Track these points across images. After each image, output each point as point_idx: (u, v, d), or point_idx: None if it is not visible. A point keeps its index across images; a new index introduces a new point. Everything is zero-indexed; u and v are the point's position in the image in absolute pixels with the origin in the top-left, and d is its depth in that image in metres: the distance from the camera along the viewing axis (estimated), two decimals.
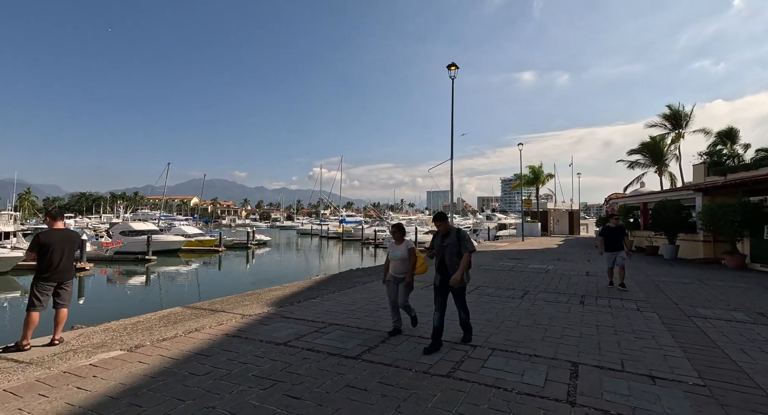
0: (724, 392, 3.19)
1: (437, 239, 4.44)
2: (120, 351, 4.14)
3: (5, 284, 20.96)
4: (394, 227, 4.91)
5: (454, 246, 4.22)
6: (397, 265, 4.73)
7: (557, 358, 3.95)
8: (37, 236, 4.33)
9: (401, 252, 4.70)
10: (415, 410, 2.85)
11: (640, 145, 32.46)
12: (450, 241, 4.26)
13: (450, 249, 4.24)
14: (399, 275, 4.72)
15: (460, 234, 4.27)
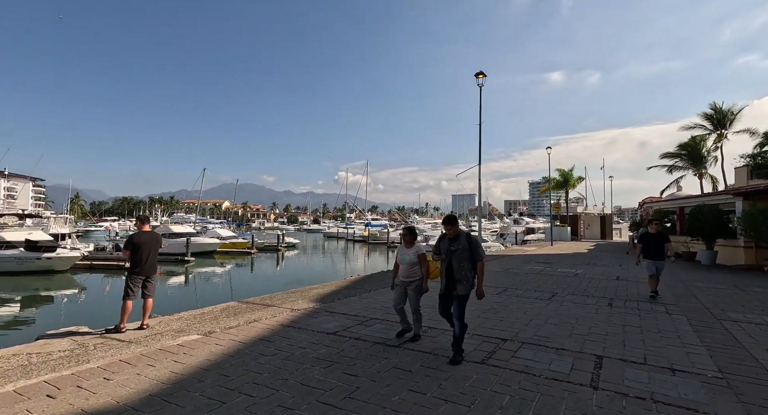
0: (740, 383, 3.48)
1: (444, 242, 4.22)
2: (197, 335, 4.87)
3: (66, 281, 23.01)
4: (405, 230, 4.82)
5: (465, 251, 4.04)
6: (405, 269, 4.61)
7: (583, 351, 4.32)
8: (130, 237, 5.17)
9: (410, 256, 4.58)
10: (455, 387, 3.34)
11: (678, 147, 31.26)
12: (460, 246, 4.07)
13: (459, 254, 4.05)
14: (407, 279, 4.62)
15: (471, 239, 4.09)
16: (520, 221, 58.58)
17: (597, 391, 3.29)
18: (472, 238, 4.12)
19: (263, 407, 2.95)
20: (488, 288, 8.02)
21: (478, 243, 4.09)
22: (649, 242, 7.60)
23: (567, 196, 39.18)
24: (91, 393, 3.18)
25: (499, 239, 40.27)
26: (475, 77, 13.57)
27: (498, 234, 45.81)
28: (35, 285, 21.50)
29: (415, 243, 4.69)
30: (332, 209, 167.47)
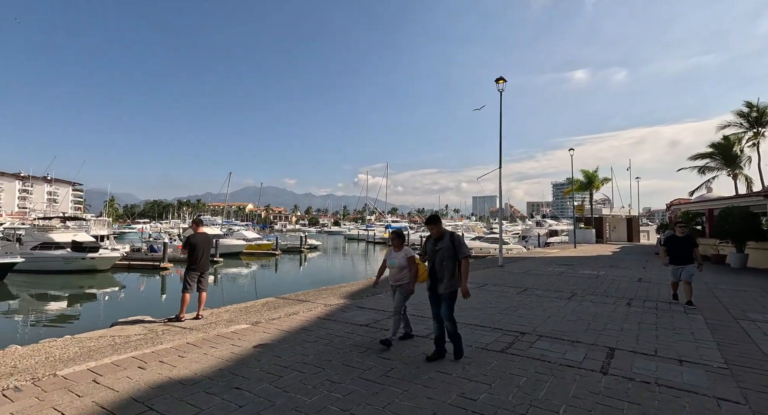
0: (743, 373, 3.78)
1: (429, 243, 4.24)
2: (246, 325, 5.52)
3: (106, 280, 24.63)
4: (393, 234, 4.81)
5: (448, 250, 4.01)
6: (394, 273, 4.59)
7: (596, 344, 4.68)
8: (187, 238, 5.90)
9: (399, 260, 4.56)
10: (478, 370, 3.80)
11: (710, 147, 30.21)
12: (443, 245, 4.05)
13: (442, 253, 4.04)
14: (396, 283, 4.60)
15: (454, 238, 4.06)
16: (542, 223, 57.67)
17: (606, 376, 3.68)
18: (455, 236, 4.07)
19: (314, 380, 3.51)
20: (508, 293, 8.40)
21: (461, 242, 4.03)
22: (676, 246, 7.21)
23: (591, 198, 38.45)
24: (172, 366, 3.83)
25: (521, 242, 39.93)
26: (496, 83, 13.88)
27: (520, 236, 45.38)
28: (80, 283, 23.14)
29: (403, 247, 4.70)
30: (352, 211, 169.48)
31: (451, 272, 4.02)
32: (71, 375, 3.58)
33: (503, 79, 13.78)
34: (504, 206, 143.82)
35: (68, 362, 3.94)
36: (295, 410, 2.93)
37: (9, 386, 3.32)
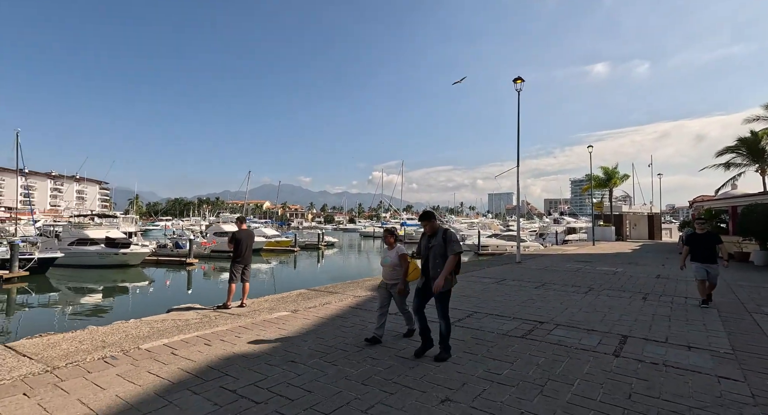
0: (747, 357, 4.12)
1: (423, 239, 4.24)
2: (286, 312, 6.11)
3: (137, 275, 25.96)
4: (385, 232, 4.86)
5: (440, 247, 4.00)
6: (387, 271, 4.62)
7: (611, 332, 5.06)
8: (233, 233, 6.54)
9: (392, 258, 4.58)
10: (501, 351, 4.26)
11: (737, 141, 29.36)
12: (436, 242, 4.05)
13: (435, 250, 4.03)
14: (390, 281, 4.61)
15: (447, 235, 4.03)
16: (560, 220, 56.97)
17: (618, 358, 4.08)
18: (448, 233, 4.05)
19: (356, 357, 4.04)
20: (526, 287, 8.77)
21: (453, 238, 4.01)
22: (696, 243, 6.97)
23: (611, 195, 37.91)
24: (232, 344, 4.43)
25: (538, 239, 39.75)
26: (513, 83, 14.12)
27: (537, 234, 45.09)
28: (113, 277, 24.52)
29: (396, 245, 4.70)
30: (367, 209, 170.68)
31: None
32: (152, 348, 4.22)
33: (521, 79, 14.00)
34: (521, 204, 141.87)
35: (145, 338, 4.59)
36: (345, 379, 3.46)
37: (106, 355, 3.97)
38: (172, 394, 3.11)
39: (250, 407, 2.90)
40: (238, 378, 3.44)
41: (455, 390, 3.23)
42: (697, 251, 6.93)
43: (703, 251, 6.87)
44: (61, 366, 3.69)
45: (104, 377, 3.46)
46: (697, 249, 6.93)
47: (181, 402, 2.97)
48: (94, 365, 3.72)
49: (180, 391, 3.16)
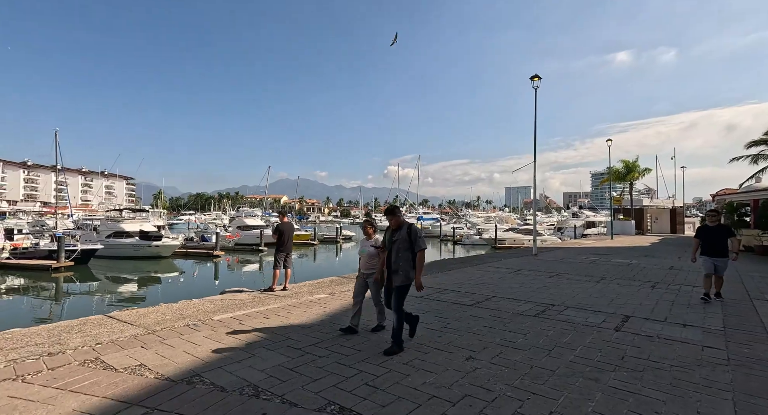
0: (734, 333, 4.69)
1: (387, 233, 4.27)
2: (324, 294, 6.95)
3: (168, 266, 27.54)
4: (365, 222, 4.94)
5: (404, 242, 4.03)
6: (365, 260, 4.67)
7: (615, 313, 5.68)
8: (277, 226, 7.41)
9: (369, 248, 4.65)
10: (516, 326, 4.96)
11: (764, 135, 28.56)
12: (399, 236, 4.08)
13: (398, 245, 4.05)
14: (367, 271, 4.66)
15: (411, 230, 4.07)
16: (579, 214, 56.42)
17: (618, 332, 4.72)
18: (412, 228, 4.10)
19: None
20: (541, 276, 9.37)
21: (418, 234, 4.05)
22: (707, 236, 6.75)
23: (631, 189, 37.45)
24: (286, 318, 5.29)
25: (556, 233, 39.72)
26: (531, 80, 14.50)
27: (555, 228, 44.94)
28: (147, 268, 26.14)
29: (375, 235, 4.77)
30: (383, 203, 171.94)
31: (405, 264, 4.02)
32: (222, 319, 5.12)
33: (538, 77, 14.37)
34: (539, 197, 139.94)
35: (214, 312, 5.50)
36: (385, 342, 4.23)
37: (189, 323, 4.88)
38: (252, 350, 3.96)
39: (315, 360, 3.71)
40: (299, 340, 4.27)
41: (477, 352, 3.97)
42: (707, 244, 6.73)
43: (714, 244, 6.66)
44: (158, 330, 4.62)
45: (194, 338, 4.35)
46: (707, 242, 6.74)
47: (261, 355, 3.81)
48: (182, 330, 4.63)
49: (257, 348, 4.01)
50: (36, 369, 3.43)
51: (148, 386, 3.07)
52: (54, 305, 16.50)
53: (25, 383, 3.16)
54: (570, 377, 3.34)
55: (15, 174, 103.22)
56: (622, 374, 3.41)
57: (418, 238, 4.03)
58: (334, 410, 2.74)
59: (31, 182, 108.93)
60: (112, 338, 4.30)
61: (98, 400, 2.84)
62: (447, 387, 3.12)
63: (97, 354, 3.81)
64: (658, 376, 3.39)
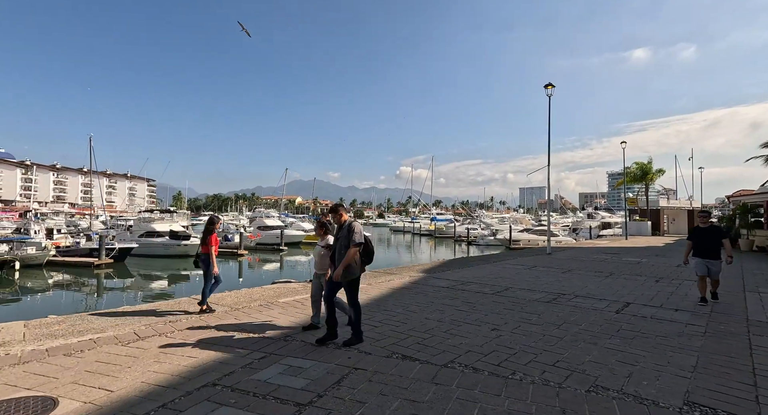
0: (717, 316, 5.56)
1: (335, 231, 4.48)
2: (363, 285, 7.99)
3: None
4: (317, 223, 5.14)
5: (344, 239, 4.17)
6: (317, 260, 4.78)
7: (618, 300, 6.57)
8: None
9: (319, 248, 4.79)
10: (532, 309, 5.92)
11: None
12: (342, 234, 4.23)
13: (341, 242, 4.22)
14: (320, 271, 4.75)
15: (350, 227, 4.18)
16: (594, 215, 56.28)
17: (617, 314, 5.64)
18: (351, 225, 4.19)
19: (426, 309, 5.83)
20: (554, 271, 10.24)
21: (355, 230, 4.14)
22: (699, 237, 6.59)
23: (647, 190, 37.53)
24: None
25: (571, 234, 40.01)
26: (544, 88, 15.32)
27: (570, 229, 45.14)
28: (177, 265, 27.73)
29: (327, 236, 4.88)
30: (396, 204, 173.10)
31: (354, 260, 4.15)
32: (286, 302, 6.24)
33: (552, 85, 15.18)
34: (554, 198, 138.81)
35: (277, 297, 6.63)
36: (426, 318, 5.26)
37: (261, 304, 6.02)
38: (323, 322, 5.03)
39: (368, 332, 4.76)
40: None
41: (500, 325, 4.97)
42: (699, 246, 6.54)
43: (706, 246, 6.46)
44: (239, 308, 5.76)
45: (270, 313, 5.47)
46: (700, 244, 6.55)
47: None
48: (258, 309, 5.76)
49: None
50: (155, 333, 4.59)
51: (251, 345, 4.18)
52: (107, 296, 18.12)
53: (167, 338, 4.32)
54: (574, 342, 4.30)
55: (45, 176, 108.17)
56: (616, 341, 4.36)
57: (353, 233, 4.11)
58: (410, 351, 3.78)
59: (60, 184, 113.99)
60: (199, 315, 5.46)
61: (222, 347, 3.96)
62: (479, 346, 4.14)
63: (208, 321, 4.96)
64: (644, 342, 4.33)
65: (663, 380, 3.31)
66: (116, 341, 4.24)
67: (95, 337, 4.33)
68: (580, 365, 3.63)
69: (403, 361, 3.70)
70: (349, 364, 3.60)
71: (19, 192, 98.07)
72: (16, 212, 71.82)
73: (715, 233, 6.57)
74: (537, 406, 2.83)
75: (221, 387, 3.10)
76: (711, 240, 6.50)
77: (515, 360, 3.74)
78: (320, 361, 3.66)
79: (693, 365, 3.64)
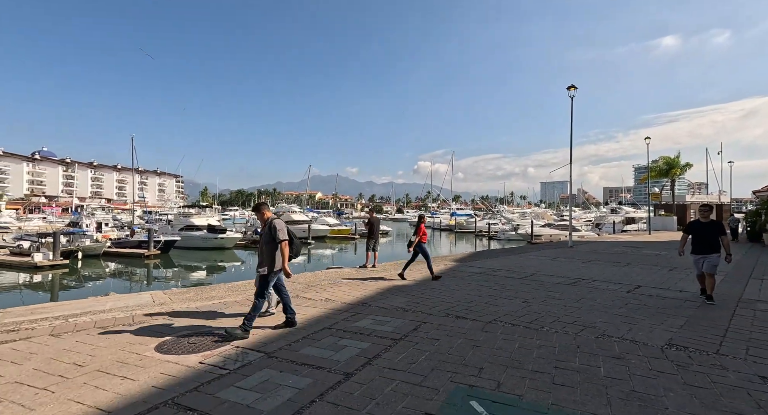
0: (716, 295, 6.54)
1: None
2: (409, 271, 9.30)
3: (231, 256, 31.21)
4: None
5: (267, 236, 4.39)
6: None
7: (630, 284, 7.64)
8: (369, 219, 9.84)
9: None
10: (556, 289, 7.06)
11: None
12: (264, 231, 4.45)
13: (263, 238, 4.44)
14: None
15: (272, 225, 4.37)
16: (618, 210, 55.66)
17: (628, 293, 6.73)
18: (272, 224, 4.39)
19: (465, 288, 7.08)
20: (575, 262, 11.25)
21: (277, 229, 4.34)
22: (697, 232, 6.36)
23: (673, 185, 37.25)
24: (391, 281, 7.68)
25: (594, 230, 40.10)
26: (567, 90, 16.09)
27: (593, 224, 45.08)
28: (215, 257, 29.84)
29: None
30: (414, 199, 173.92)
31: (268, 257, 4.35)
32: (349, 282, 7.61)
33: (574, 87, 15.94)
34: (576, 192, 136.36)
35: (338, 278, 8.01)
36: (467, 294, 6.50)
37: (329, 283, 7.41)
38: (385, 295, 6.37)
39: (425, 300, 6.04)
40: (409, 294, 6.63)
41: (529, 300, 6.16)
42: (697, 241, 6.33)
43: (703, 241, 6.25)
44: (312, 285, 7.17)
45: (340, 289, 6.84)
46: (697, 239, 6.33)
47: (391, 298, 6.20)
48: (328, 286, 7.15)
49: (390, 295, 6.40)
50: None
51: (339, 308, 5.54)
52: (158, 282, 20.21)
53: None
54: (589, 311, 5.47)
55: (83, 173, 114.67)
56: (623, 310, 5.50)
57: (277, 231, 4.33)
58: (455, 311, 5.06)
59: (97, 181, 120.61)
60: (290, 288, 6.88)
61: (316, 310, 5.34)
62: (513, 311, 5.38)
63: (298, 293, 6.40)
64: (646, 310, 5.46)
65: (654, 332, 4.47)
66: (248, 301, 5.70)
67: (222, 301, 5.81)
68: (592, 323, 4.82)
69: (457, 319, 4.98)
70: (418, 319, 4.90)
71: (62, 188, 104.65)
72: (60, 207, 77.41)
73: (715, 229, 6.26)
74: (560, 344, 4.05)
75: (335, 329, 4.47)
76: (710, 236, 6.24)
77: (542, 320, 4.95)
78: (395, 318, 4.98)
79: (680, 325, 4.77)
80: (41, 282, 19.44)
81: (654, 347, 3.97)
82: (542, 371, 3.35)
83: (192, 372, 3.25)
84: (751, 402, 2.84)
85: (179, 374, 3.20)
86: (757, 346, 4.06)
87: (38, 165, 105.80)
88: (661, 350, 3.91)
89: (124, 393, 2.86)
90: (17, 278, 19.77)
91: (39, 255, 21.13)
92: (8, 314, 5.22)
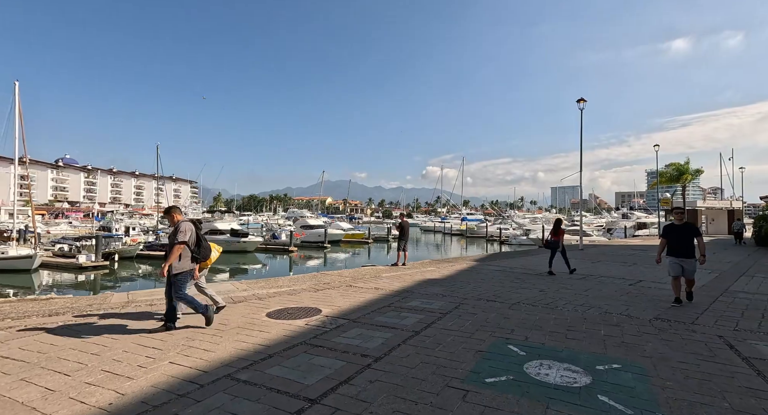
0: (709, 290, 7.63)
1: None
2: (432, 268, 10.53)
3: (252, 259, 32.68)
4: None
5: (172, 237, 4.53)
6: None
7: (633, 279, 8.75)
8: (400, 223, 11.11)
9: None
10: (568, 282, 8.22)
11: None
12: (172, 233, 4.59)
13: (170, 240, 4.58)
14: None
15: (177, 227, 4.50)
16: (629, 215, 56.02)
17: (630, 286, 7.86)
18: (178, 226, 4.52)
19: (489, 282, 8.27)
20: (585, 261, 12.35)
21: (179, 230, 4.46)
22: (673, 235, 6.33)
23: (684, 191, 37.72)
24: (423, 276, 8.91)
25: (605, 234, 40.70)
26: (577, 103, 17.21)
27: (605, 229, 45.61)
28: (237, 260, 31.32)
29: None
30: (424, 204, 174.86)
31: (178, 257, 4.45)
32: (387, 276, 8.86)
33: (584, 100, 17.05)
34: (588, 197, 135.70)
35: (378, 273, 9.27)
36: (492, 285, 7.69)
37: (371, 278, 8.67)
38: (423, 286, 7.60)
39: (462, 287, 7.27)
40: (443, 285, 7.86)
41: (544, 289, 7.35)
42: (673, 244, 6.29)
43: (679, 244, 6.21)
44: (358, 279, 8.44)
45: (383, 281, 8.10)
46: (673, 242, 6.30)
47: (428, 287, 7.43)
48: (371, 280, 8.40)
49: (427, 286, 7.63)
50: (327, 287, 7.32)
51: (389, 293, 6.80)
52: None
53: (336, 289, 7.04)
54: (596, 297, 6.64)
55: (104, 179, 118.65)
56: (624, 298, 6.65)
57: (178, 233, 4.46)
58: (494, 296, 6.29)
59: (116, 187, 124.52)
60: (338, 281, 8.17)
61: (371, 295, 6.60)
62: (532, 298, 6.57)
63: (349, 283, 7.67)
64: (643, 298, 6.61)
65: (647, 310, 5.64)
66: (312, 289, 7.01)
67: (290, 288, 7.13)
68: (598, 306, 5.99)
69: (488, 302, 6.20)
70: (456, 302, 6.14)
71: (83, 194, 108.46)
72: (81, 213, 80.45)
73: (689, 231, 6.26)
74: (570, 317, 5.25)
75: (394, 307, 5.74)
76: (685, 238, 6.22)
77: (557, 303, 6.14)
78: (437, 300, 6.22)
79: (669, 307, 5.91)
80: (84, 281, 21.16)
81: (644, 320, 5.15)
82: (558, 331, 4.57)
83: (305, 329, 4.54)
84: (705, 348, 4.02)
85: (297, 331, 4.49)
86: (725, 320, 5.21)
87: (62, 172, 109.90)
88: (649, 321, 5.08)
89: (265, 341, 4.15)
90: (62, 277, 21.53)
91: (83, 256, 22.92)
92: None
